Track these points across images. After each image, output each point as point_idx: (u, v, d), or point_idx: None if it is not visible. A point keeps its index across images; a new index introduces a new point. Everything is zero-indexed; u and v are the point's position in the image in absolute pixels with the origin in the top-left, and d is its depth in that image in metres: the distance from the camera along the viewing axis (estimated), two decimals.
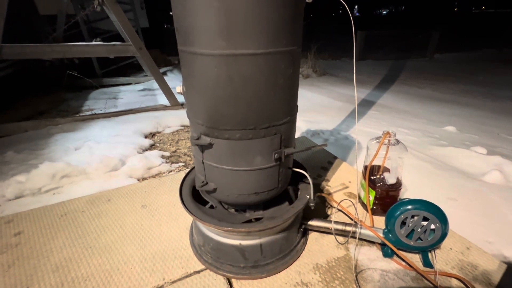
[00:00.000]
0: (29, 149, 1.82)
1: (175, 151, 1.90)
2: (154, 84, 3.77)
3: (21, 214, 1.17)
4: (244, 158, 0.75)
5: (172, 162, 1.74)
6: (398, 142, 1.07)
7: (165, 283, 0.86)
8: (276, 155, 0.77)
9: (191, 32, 0.65)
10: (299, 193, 0.97)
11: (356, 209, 1.04)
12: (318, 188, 1.32)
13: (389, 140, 1.06)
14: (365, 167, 1.14)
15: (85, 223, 1.12)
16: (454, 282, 0.85)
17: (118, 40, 2.55)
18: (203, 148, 0.78)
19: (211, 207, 0.97)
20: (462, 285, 0.84)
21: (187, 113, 0.82)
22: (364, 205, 1.17)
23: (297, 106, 0.83)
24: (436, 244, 0.88)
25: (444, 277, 0.86)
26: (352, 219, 1.07)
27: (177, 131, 2.28)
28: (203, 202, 0.96)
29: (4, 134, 2.09)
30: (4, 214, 1.19)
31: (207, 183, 0.84)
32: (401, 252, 0.91)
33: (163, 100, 2.91)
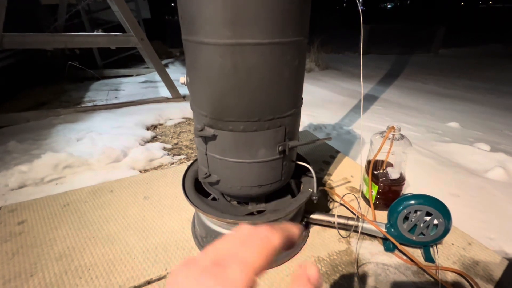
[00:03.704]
0: (31, 139, 1.82)
1: (176, 144, 1.90)
2: (155, 76, 3.74)
3: (24, 204, 1.18)
4: (247, 150, 0.75)
5: (174, 155, 1.74)
6: (402, 137, 1.07)
7: (167, 273, 0.86)
8: (280, 147, 0.77)
9: (196, 21, 0.64)
10: (301, 187, 0.97)
11: (359, 204, 1.04)
12: (320, 182, 1.32)
13: (393, 135, 1.05)
14: (368, 162, 1.14)
15: (88, 213, 1.13)
16: (456, 277, 0.85)
17: (119, 31, 2.52)
18: (206, 139, 0.77)
19: (214, 199, 0.97)
20: (463, 280, 0.84)
21: (190, 104, 0.81)
22: (366, 200, 1.17)
23: (302, 98, 0.82)
24: (438, 239, 0.87)
25: (445, 272, 0.86)
26: (354, 214, 1.07)
27: (178, 123, 2.27)
28: (205, 195, 0.96)
29: (6, 124, 2.09)
30: (7, 203, 1.20)
31: (210, 175, 0.84)
32: (402, 246, 0.91)
33: (164, 92, 2.89)
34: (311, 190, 0.90)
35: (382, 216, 1.10)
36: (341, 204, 1.15)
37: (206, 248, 0.21)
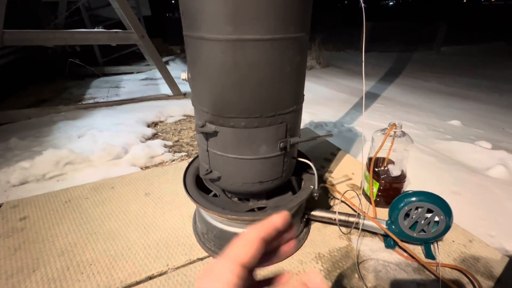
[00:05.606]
0: (32, 136, 1.82)
1: (177, 141, 1.90)
2: (156, 73, 3.74)
3: (26, 200, 1.18)
4: (249, 147, 0.75)
5: (175, 152, 1.74)
6: (404, 134, 1.06)
7: (168, 269, 0.87)
8: (281, 144, 0.76)
9: (197, 17, 0.63)
10: (302, 184, 0.97)
11: (360, 201, 1.04)
12: (321, 179, 1.32)
13: (395, 132, 1.05)
14: (370, 159, 1.13)
15: (89, 209, 1.13)
16: (456, 273, 0.85)
17: (120, 28, 2.51)
18: (207, 136, 0.77)
19: (215, 195, 0.97)
20: (464, 276, 0.84)
21: (191, 100, 0.81)
22: (367, 197, 1.17)
23: (304, 95, 0.82)
24: (439, 236, 0.88)
25: (446, 269, 0.86)
26: (355, 210, 1.07)
27: (179, 120, 2.27)
28: (206, 191, 0.96)
29: (7, 121, 2.09)
30: (9, 199, 1.20)
31: (211, 171, 0.84)
32: (403, 243, 0.91)
33: (165, 89, 2.89)
34: (312, 187, 0.90)
35: (383, 213, 1.10)
36: (342, 201, 1.15)
37: None
